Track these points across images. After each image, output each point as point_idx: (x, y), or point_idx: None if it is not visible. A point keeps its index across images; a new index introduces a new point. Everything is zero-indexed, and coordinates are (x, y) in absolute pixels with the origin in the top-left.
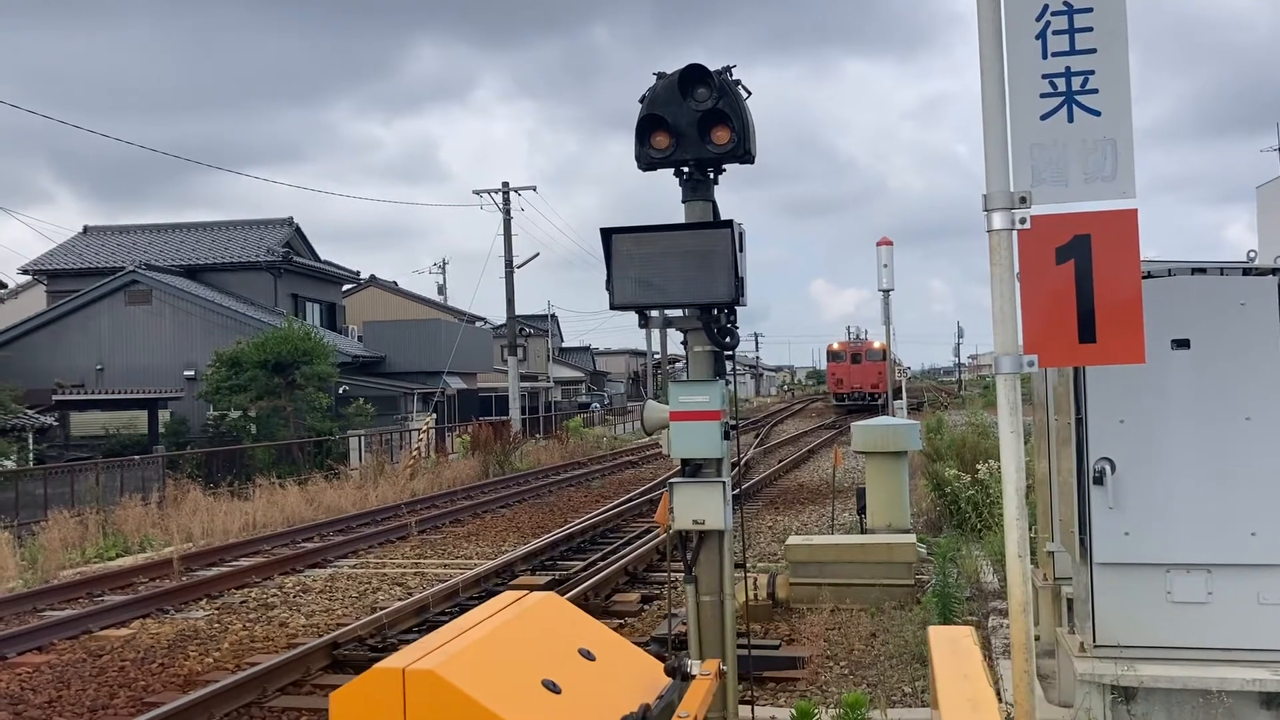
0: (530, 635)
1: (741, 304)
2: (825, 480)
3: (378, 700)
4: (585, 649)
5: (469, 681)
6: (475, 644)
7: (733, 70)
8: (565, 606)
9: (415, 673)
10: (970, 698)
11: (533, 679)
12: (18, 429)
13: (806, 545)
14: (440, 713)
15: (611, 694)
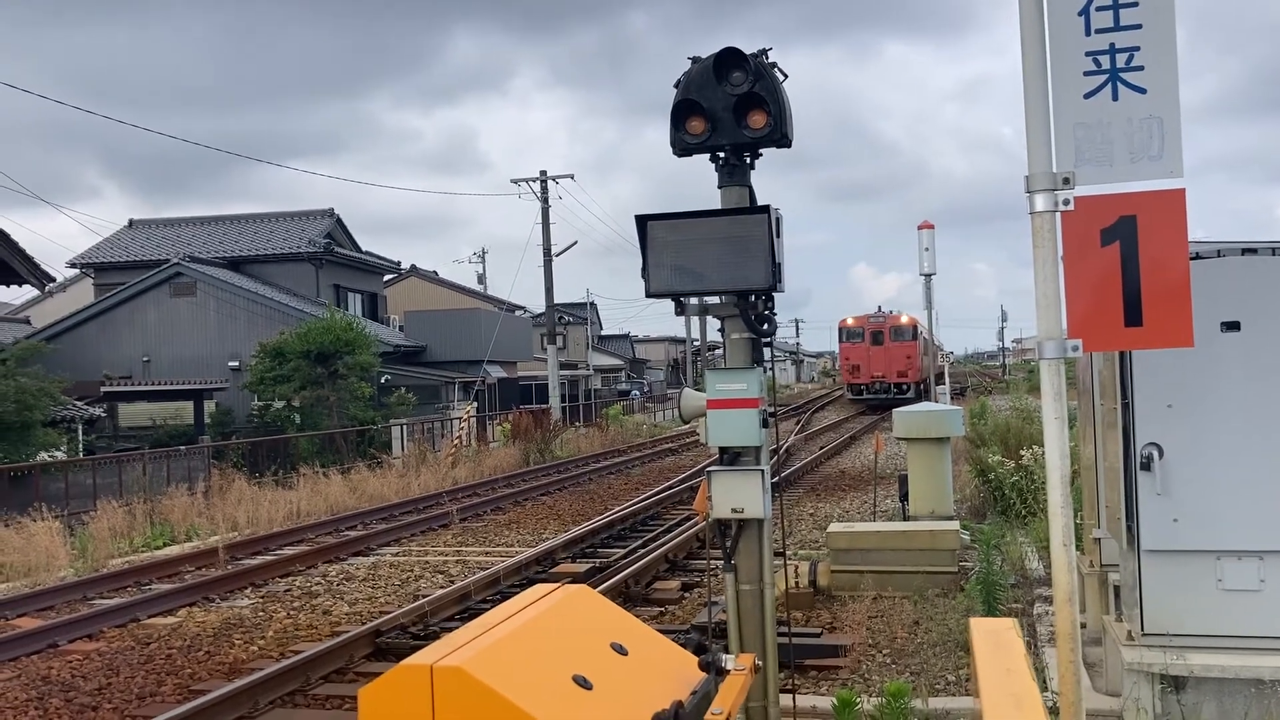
0: (561, 629)
1: (779, 290)
2: (867, 467)
3: (406, 697)
4: (617, 643)
5: (498, 678)
6: (504, 639)
7: (769, 53)
8: (597, 599)
9: (443, 669)
10: (1014, 693)
11: (563, 674)
12: (67, 420)
13: (848, 532)
14: (469, 710)
15: (644, 689)
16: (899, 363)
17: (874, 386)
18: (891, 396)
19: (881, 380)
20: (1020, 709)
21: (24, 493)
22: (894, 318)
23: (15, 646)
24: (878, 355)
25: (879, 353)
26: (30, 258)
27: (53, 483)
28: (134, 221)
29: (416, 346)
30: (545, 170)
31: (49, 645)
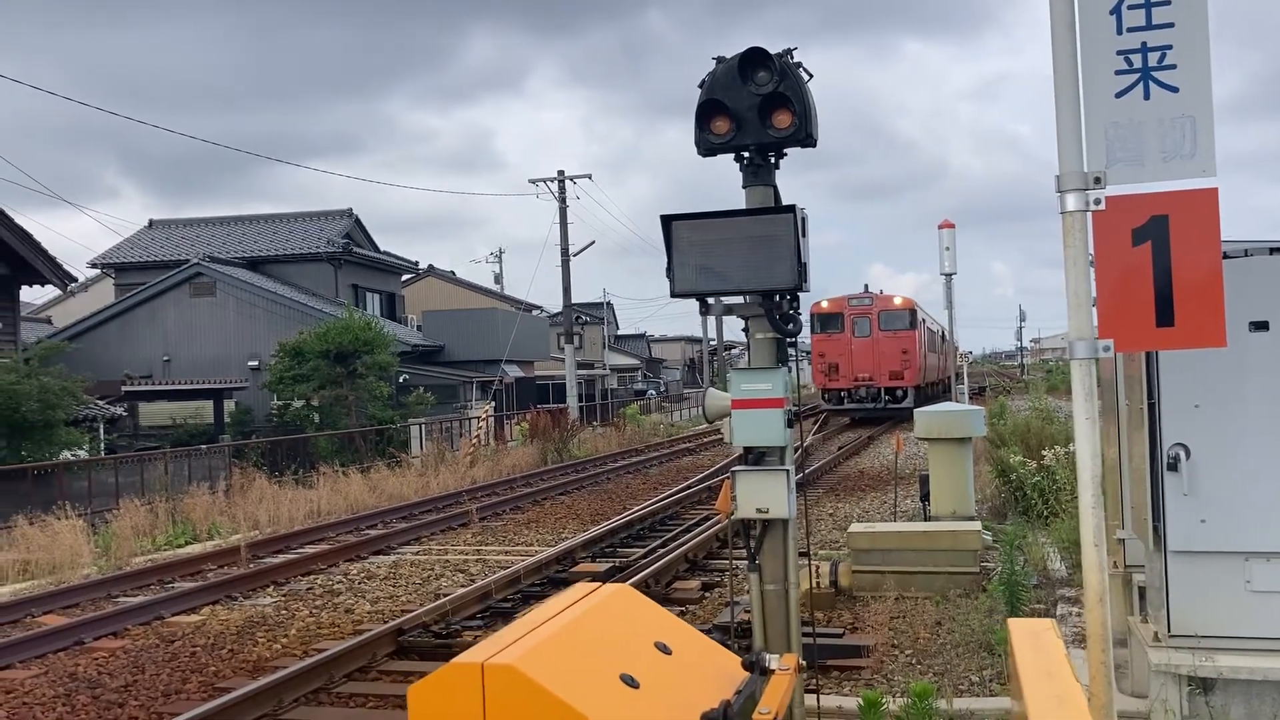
0: (606, 629)
1: (805, 289)
2: (886, 467)
3: (457, 694)
4: (661, 642)
5: (548, 676)
6: (552, 638)
7: (794, 53)
8: (638, 598)
9: (494, 667)
10: (1057, 694)
11: (611, 673)
12: (89, 419)
13: (869, 533)
14: (520, 707)
15: (689, 688)
16: (891, 359)
17: (858, 393)
18: (882, 406)
19: (868, 384)
20: (1064, 709)
21: (48, 491)
22: (884, 299)
23: (42, 644)
24: (863, 350)
25: (864, 347)
26: (52, 258)
27: (76, 481)
28: (154, 222)
29: (434, 346)
30: (563, 170)
31: (75, 642)
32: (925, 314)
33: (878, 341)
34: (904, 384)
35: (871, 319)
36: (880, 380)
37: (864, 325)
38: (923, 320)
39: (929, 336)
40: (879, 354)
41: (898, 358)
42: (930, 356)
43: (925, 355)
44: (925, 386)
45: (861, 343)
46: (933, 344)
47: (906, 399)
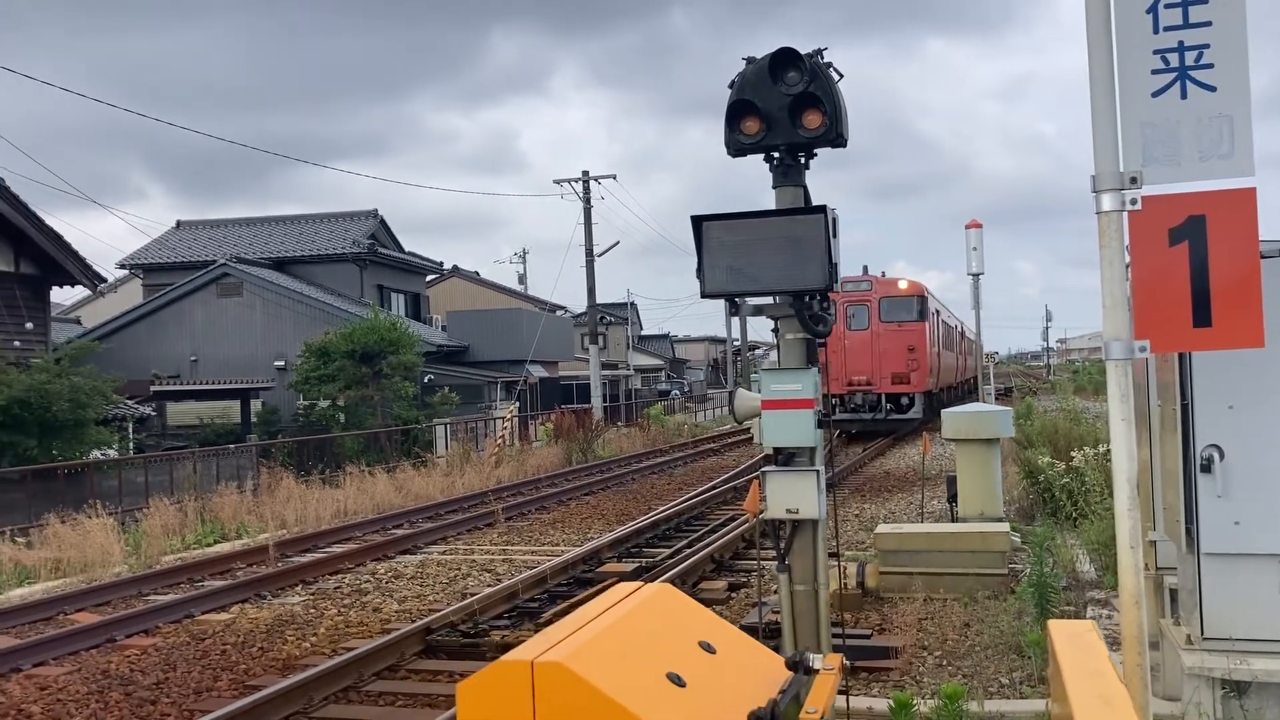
0: (651, 628)
1: (835, 290)
2: (912, 468)
3: (506, 692)
4: (705, 641)
5: (597, 674)
6: (599, 636)
7: (824, 53)
8: (681, 598)
9: (544, 665)
10: (1102, 694)
11: (657, 672)
12: (119, 419)
13: (896, 534)
14: (569, 705)
15: (735, 687)
16: (894, 358)
17: (852, 401)
18: (884, 416)
19: (865, 389)
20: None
21: (79, 490)
22: (886, 283)
23: (75, 641)
24: (859, 347)
25: (861, 343)
26: (82, 259)
27: (106, 480)
28: (181, 223)
29: (459, 346)
30: (588, 170)
31: (107, 640)
32: (939, 304)
33: (878, 336)
34: (910, 389)
35: (870, 308)
36: (880, 385)
37: (861, 316)
38: (935, 311)
39: (944, 331)
40: (879, 352)
41: (902, 356)
42: (946, 355)
43: (938, 354)
44: (939, 392)
45: (857, 337)
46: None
47: (914, 408)
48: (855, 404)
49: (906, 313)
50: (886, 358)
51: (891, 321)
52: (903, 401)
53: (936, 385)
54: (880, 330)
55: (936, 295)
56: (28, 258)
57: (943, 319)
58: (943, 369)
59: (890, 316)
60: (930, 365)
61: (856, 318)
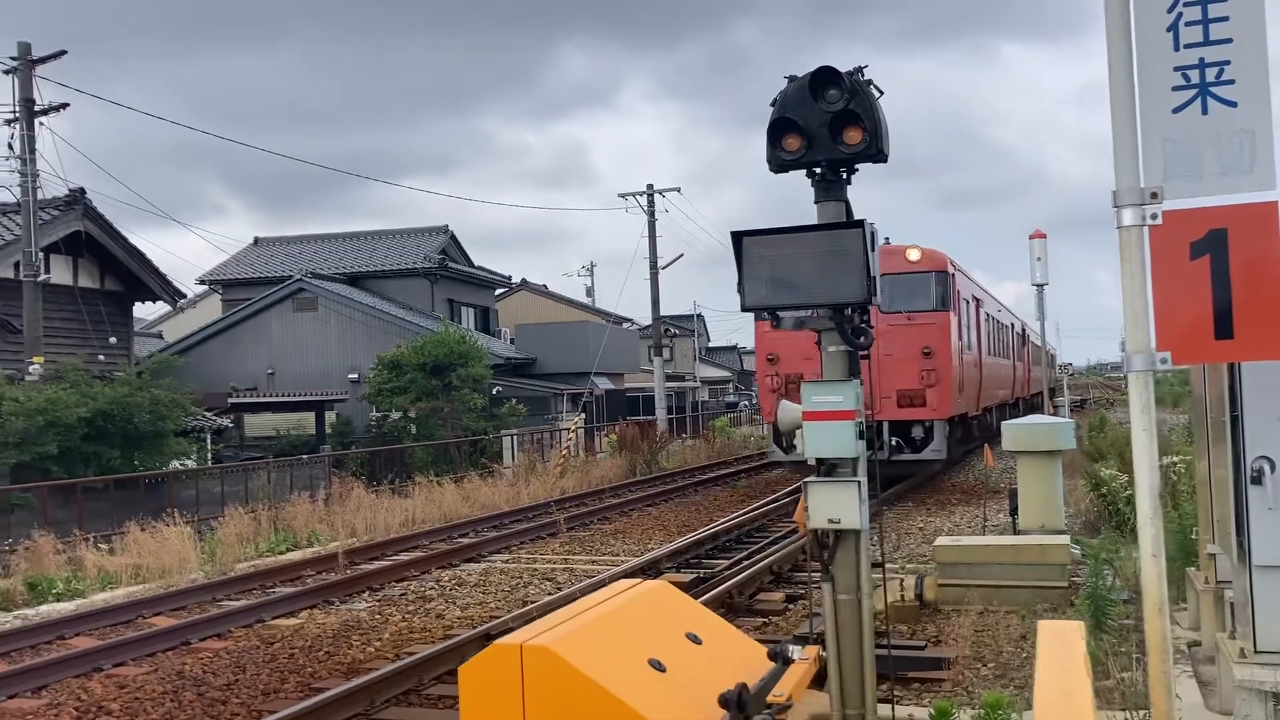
0: (641, 619)
1: (874, 303)
2: (978, 480)
3: (498, 672)
4: (693, 633)
5: (580, 657)
6: (589, 624)
7: (864, 70)
8: (676, 594)
9: (532, 648)
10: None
11: (640, 658)
12: (197, 430)
13: (955, 546)
14: (553, 684)
15: (715, 675)
16: (901, 368)
17: None
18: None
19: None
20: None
21: (158, 499)
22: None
23: (152, 643)
24: None
25: None
26: (163, 275)
27: (184, 490)
28: (259, 239)
29: (527, 358)
30: (652, 184)
31: (182, 643)
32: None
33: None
34: (926, 414)
35: None
36: (880, 409)
37: None
38: (973, 300)
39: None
40: (878, 359)
41: (913, 365)
42: (993, 364)
43: (977, 361)
44: (982, 415)
45: None
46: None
47: (931, 443)
48: None
49: (920, 297)
50: (888, 368)
51: (897, 312)
52: (914, 434)
53: (976, 405)
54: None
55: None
56: (113, 275)
57: (985, 311)
58: (986, 382)
59: (895, 304)
60: (958, 377)
61: None
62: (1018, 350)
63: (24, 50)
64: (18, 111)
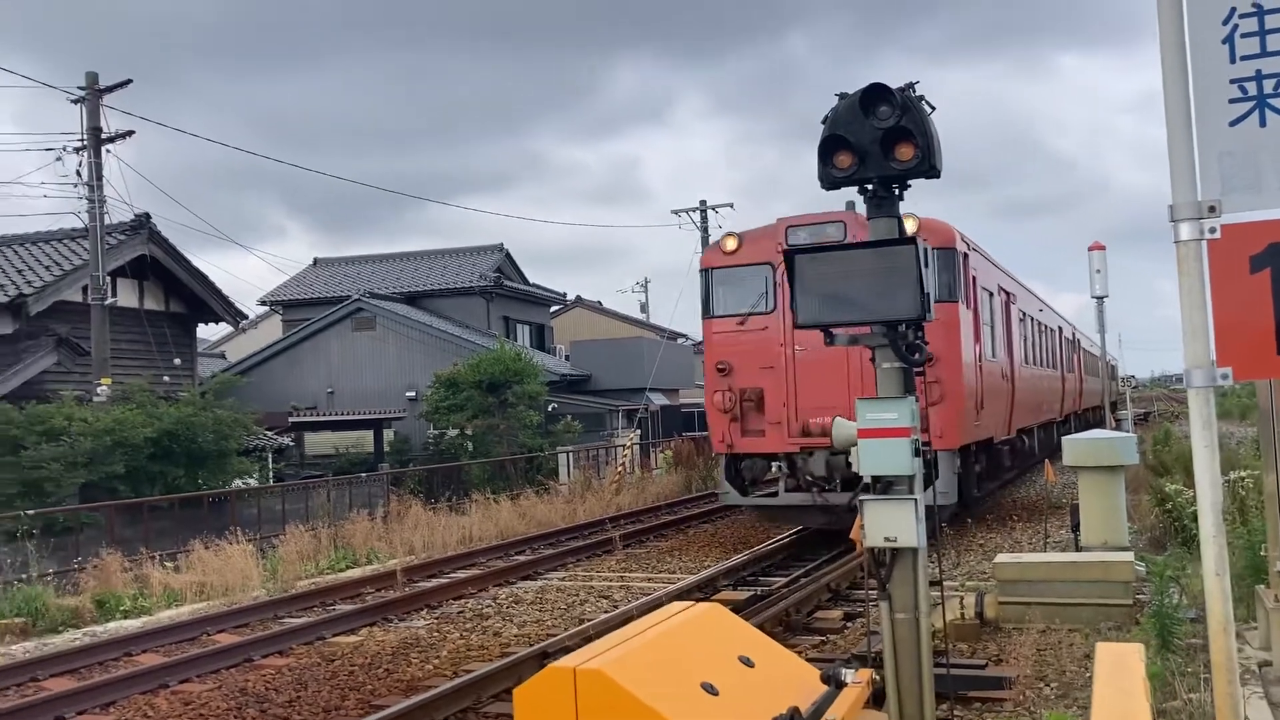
0: (693, 642)
1: (928, 319)
2: (1040, 495)
3: (553, 695)
4: (745, 656)
5: (633, 680)
6: (641, 647)
7: (915, 86)
8: (728, 617)
9: (585, 671)
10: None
11: (692, 681)
12: (259, 449)
13: (1016, 563)
14: (607, 708)
15: (767, 698)
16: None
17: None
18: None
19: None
20: None
21: (221, 517)
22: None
23: (216, 660)
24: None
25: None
26: (225, 297)
27: (246, 508)
28: (318, 260)
29: (582, 375)
30: (705, 200)
31: (245, 659)
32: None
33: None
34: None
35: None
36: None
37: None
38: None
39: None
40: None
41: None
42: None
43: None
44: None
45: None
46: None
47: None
48: (813, 474)
49: None
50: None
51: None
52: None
53: (1006, 427)
54: None
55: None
56: (177, 297)
57: (1019, 309)
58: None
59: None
60: (974, 392)
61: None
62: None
63: (91, 80)
64: (86, 140)
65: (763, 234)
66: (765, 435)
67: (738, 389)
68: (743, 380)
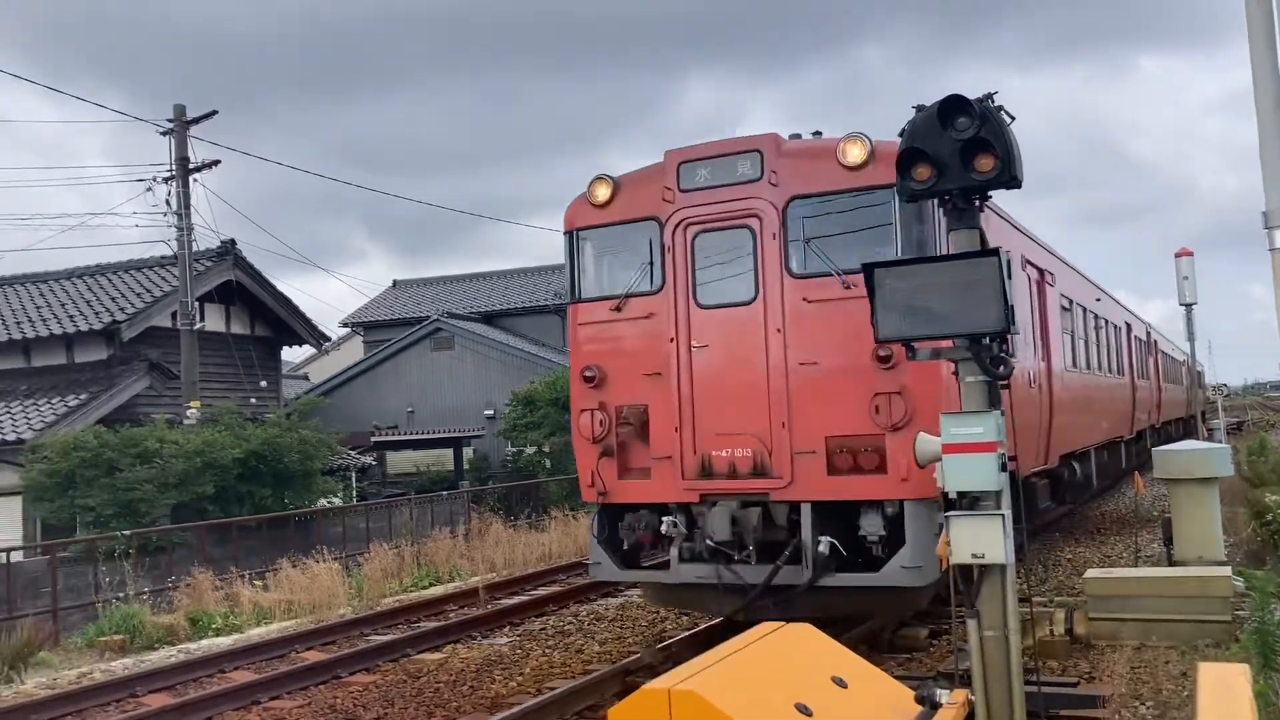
0: (785, 662)
1: (1013, 332)
2: (1129, 508)
3: (647, 716)
4: (838, 677)
5: (728, 702)
6: (734, 668)
7: (994, 96)
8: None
9: (679, 693)
10: None
11: (786, 702)
12: (342, 469)
13: (1107, 578)
14: None
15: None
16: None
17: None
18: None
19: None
20: None
21: (307, 536)
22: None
23: (305, 677)
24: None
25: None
26: (308, 320)
27: (331, 527)
28: (397, 282)
29: None
30: None
31: (332, 677)
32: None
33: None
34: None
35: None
36: (798, 478)
37: (735, 263)
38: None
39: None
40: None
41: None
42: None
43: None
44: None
45: (721, 327)
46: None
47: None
48: (715, 536)
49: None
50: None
51: (821, 275)
52: (864, 530)
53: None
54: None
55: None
56: (262, 321)
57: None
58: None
59: (816, 264)
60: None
61: (718, 270)
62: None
63: (179, 112)
64: (174, 170)
65: (646, 177)
66: (651, 477)
67: (613, 407)
68: (620, 394)
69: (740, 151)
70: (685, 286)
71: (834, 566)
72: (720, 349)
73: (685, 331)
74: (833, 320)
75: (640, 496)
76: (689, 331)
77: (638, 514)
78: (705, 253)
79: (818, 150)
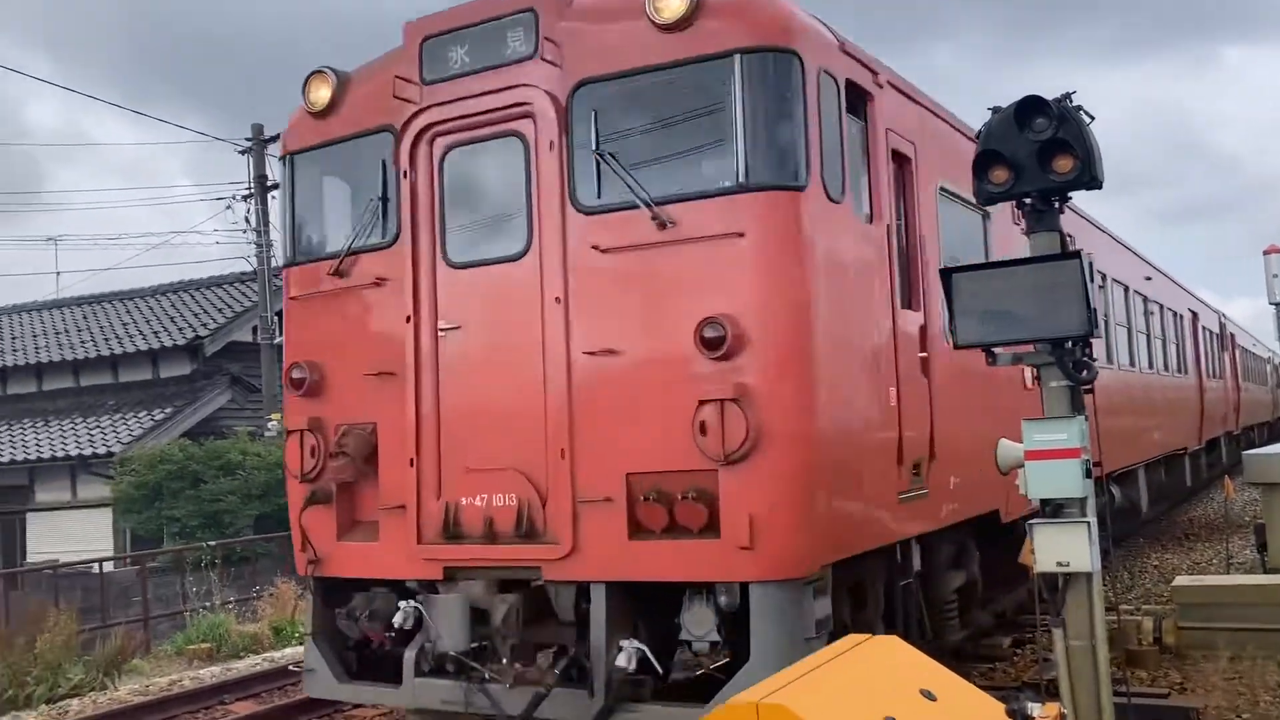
0: (872, 675)
1: (1095, 335)
2: (1218, 514)
3: None
4: (926, 690)
5: (816, 715)
6: (821, 681)
7: (1072, 96)
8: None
9: (768, 706)
10: None
11: (875, 716)
12: None
13: (1197, 586)
14: None
15: None
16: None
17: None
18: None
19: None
20: None
21: None
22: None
23: None
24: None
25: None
26: None
27: None
28: None
29: None
30: None
31: None
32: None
33: (578, 282)
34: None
35: (530, 141)
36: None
37: (508, 190)
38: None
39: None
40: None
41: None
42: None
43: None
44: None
45: (485, 296)
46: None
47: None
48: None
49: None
50: (602, 398)
51: (622, 208)
52: (687, 631)
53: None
54: (578, 256)
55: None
56: None
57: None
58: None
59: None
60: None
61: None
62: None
63: (257, 131)
64: (252, 188)
65: (383, 67)
66: (379, 538)
67: (332, 425)
68: (340, 407)
69: (508, 14)
70: (431, 235)
71: (645, 691)
72: (478, 332)
73: (429, 306)
74: (640, 281)
75: (363, 569)
76: (434, 306)
77: (368, 593)
78: (460, 180)
79: (617, 7)
